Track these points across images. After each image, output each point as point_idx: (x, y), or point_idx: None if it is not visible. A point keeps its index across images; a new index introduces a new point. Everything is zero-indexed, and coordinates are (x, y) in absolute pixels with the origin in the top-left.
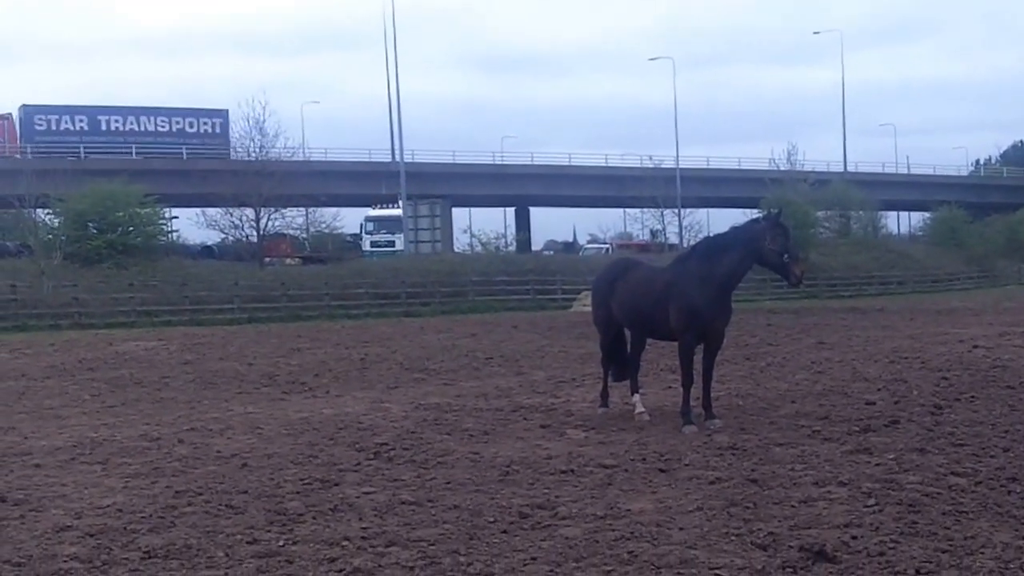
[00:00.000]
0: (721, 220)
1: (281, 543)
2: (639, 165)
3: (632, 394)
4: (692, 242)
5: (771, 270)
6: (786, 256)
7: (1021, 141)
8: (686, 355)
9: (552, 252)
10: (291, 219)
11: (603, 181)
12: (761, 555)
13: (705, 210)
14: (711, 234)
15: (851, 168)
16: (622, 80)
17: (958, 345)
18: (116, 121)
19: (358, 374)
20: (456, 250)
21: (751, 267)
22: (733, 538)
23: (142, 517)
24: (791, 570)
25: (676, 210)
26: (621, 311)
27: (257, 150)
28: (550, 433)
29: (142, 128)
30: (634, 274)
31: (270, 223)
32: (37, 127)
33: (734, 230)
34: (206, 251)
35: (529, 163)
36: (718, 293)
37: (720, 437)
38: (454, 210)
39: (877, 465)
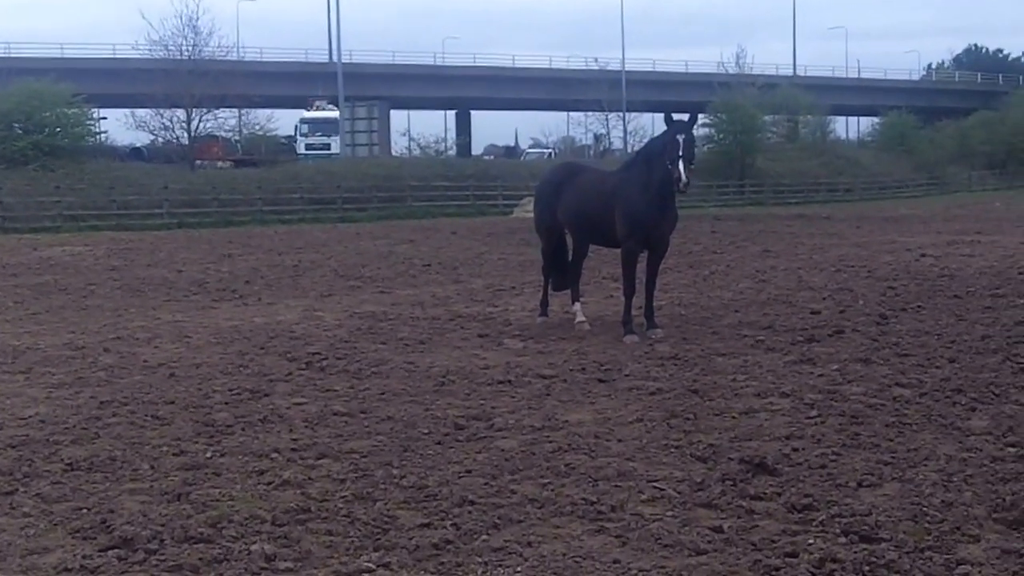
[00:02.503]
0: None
1: (209, 455)
2: (584, 68)
3: (572, 303)
4: (636, 147)
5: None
6: (669, 162)
7: (975, 45)
8: (628, 263)
9: (493, 157)
10: (224, 121)
11: (547, 84)
12: (701, 467)
13: (651, 115)
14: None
15: (800, 72)
16: None
17: (905, 254)
18: None
19: (291, 281)
20: (394, 154)
21: None
22: (673, 450)
23: (65, 428)
24: (731, 482)
25: (621, 114)
26: (566, 216)
27: (190, 49)
28: (488, 343)
29: None
30: (581, 178)
31: (202, 125)
32: None
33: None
34: (135, 153)
35: (471, 65)
36: (659, 199)
37: (661, 347)
38: (392, 113)
39: (820, 376)
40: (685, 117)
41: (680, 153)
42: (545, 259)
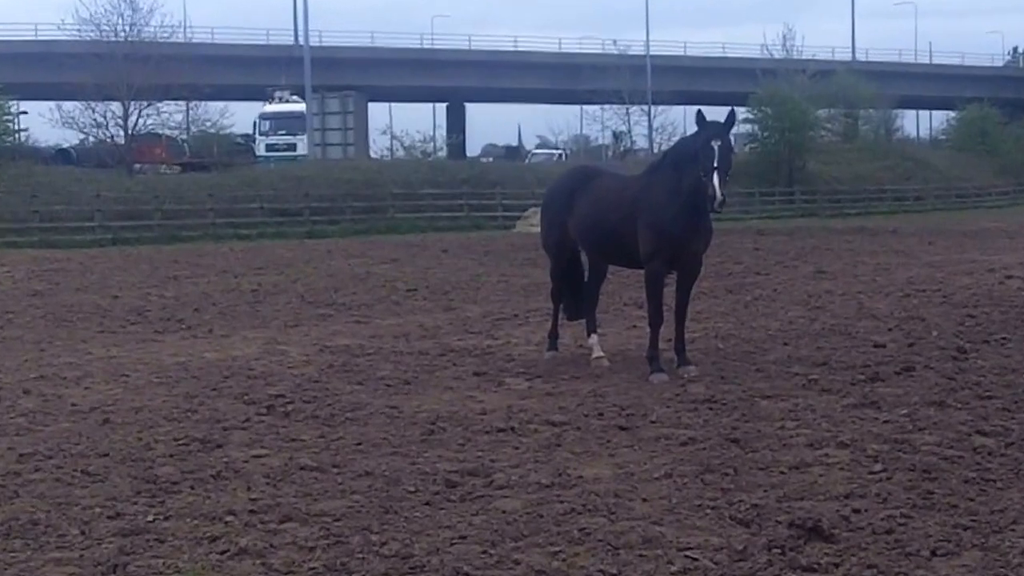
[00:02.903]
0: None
1: (150, 518)
2: (601, 52)
3: (588, 335)
4: (666, 147)
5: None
6: (703, 173)
7: None
8: (654, 286)
9: (492, 159)
10: (168, 116)
11: (556, 71)
12: (742, 532)
13: (681, 108)
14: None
15: (860, 57)
16: None
17: (987, 275)
18: None
19: (249, 309)
20: (373, 155)
21: None
22: (708, 511)
23: None
24: (779, 551)
25: (645, 107)
26: (580, 231)
27: (127, 29)
28: (485, 382)
29: None
30: (597, 185)
31: (142, 121)
32: None
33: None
34: (62, 155)
35: (465, 48)
36: (690, 210)
37: (695, 388)
38: (371, 106)
39: (886, 423)
40: (722, 117)
41: (715, 163)
42: (555, 282)
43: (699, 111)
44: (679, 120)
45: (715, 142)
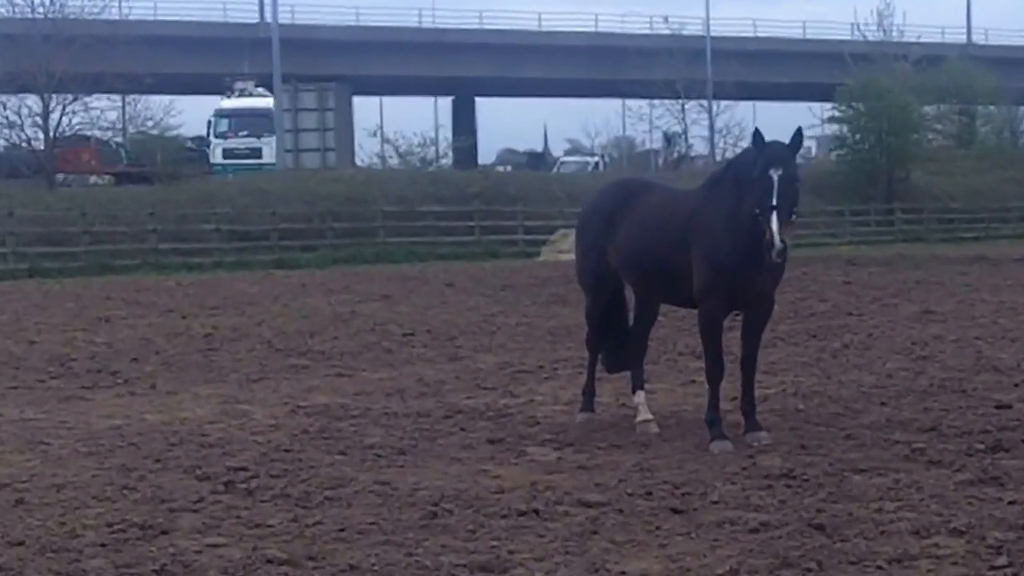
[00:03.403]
0: (774, 119)
1: None
2: (648, 32)
3: (634, 391)
4: (730, 153)
5: None
6: (758, 211)
7: None
8: (712, 331)
9: (510, 168)
10: (99, 114)
11: (592, 57)
12: None
13: (750, 103)
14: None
15: (978, 39)
16: None
17: None
18: None
19: (201, 359)
20: (359, 163)
21: None
22: None
23: None
24: None
25: (704, 103)
26: (623, 260)
27: (46, 4)
28: (502, 452)
29: None
30: (644, 202)
31: (65, 119)
32: None
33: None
34: None
35: (475, 28)
36: (755, 238)
37: (768, 459)
38: (357, 100)
39: (1011, 504)
40: (786, 138)
41: (774, 201)
42: (592, 325)
43: (756, 131)
44: (747, 119)
45: (775, 171)
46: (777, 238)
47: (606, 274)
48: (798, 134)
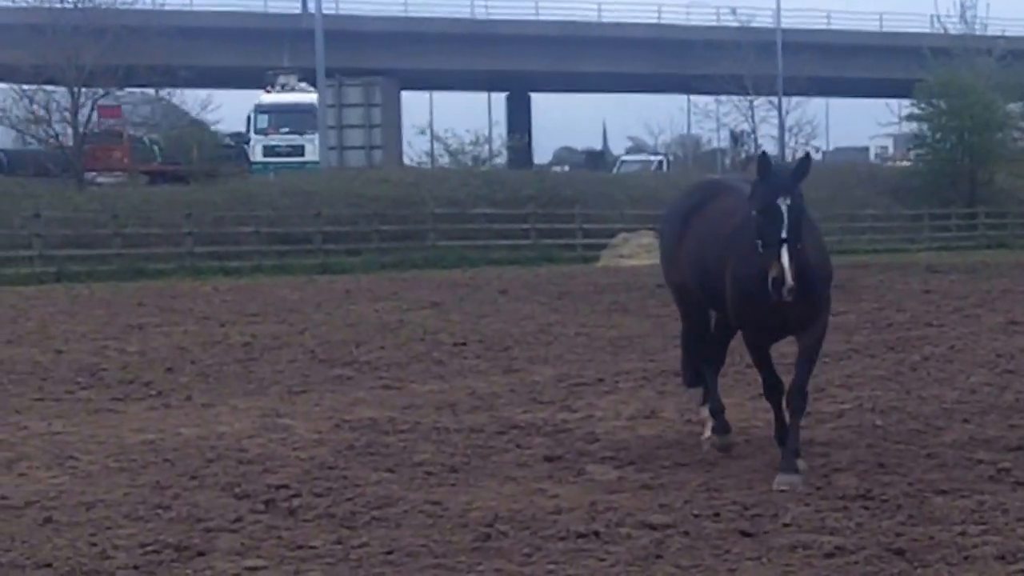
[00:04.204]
0: (848, 115)
1: None
2: (715, 24)
3: (703, 403)
4: (799, 152)
5: None
6: (762, 244)
7: None
8: (756, 357)
9: (568, 167)
10: (132, 108)
11: (655, 50)
12: None
13: (823, 100)
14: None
15: None
16: None
17: None
18: None
19: (240, 369)
20: (407, 163)
21: None
22: None
23: None
24: None
25: (775, 99)
26: (687, 266)
27: None
28: (560, 471)
29: None
30: (713, 207)
31: (96, 114)
32: None
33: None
34: None
35: (531, 19)
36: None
37: (844, 479)
38: (405, 96)
39: None
40: (793, 162)
41: (784, 234)
42: (688, 335)
43: (763, 154)
44: (819, 116)
45: (783, 200)
46: (788, 274)
47: (684, 282)
48: (805, 161)
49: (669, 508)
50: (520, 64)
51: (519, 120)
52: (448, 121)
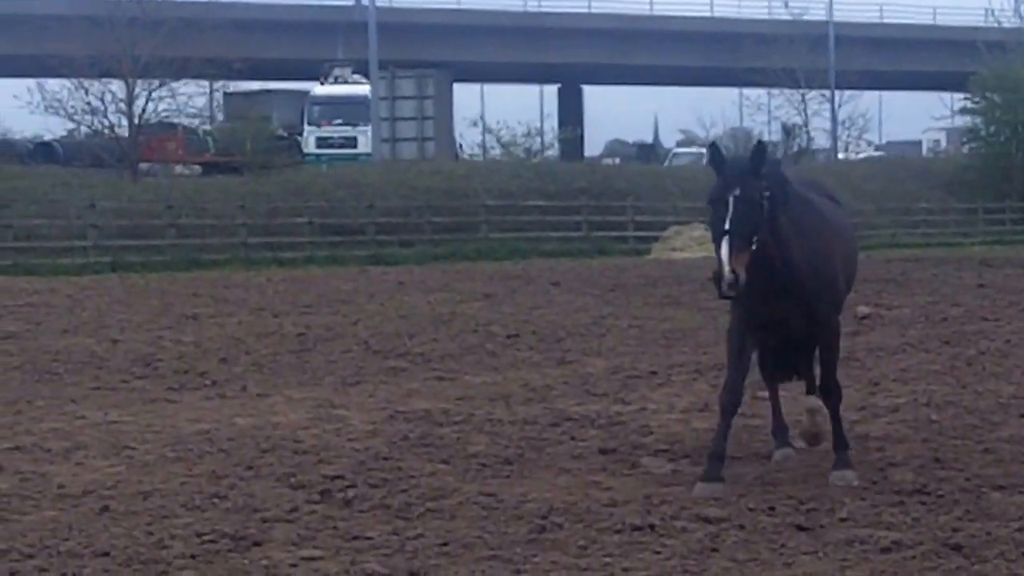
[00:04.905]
0: (901, 109)
1: None
2: (767, 17)
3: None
4: (852, 144)
5: None
6: (712, 237)
7: None
8: (730, 349)
9: (619, 160)
10: (186, 100)
11: (707, 44)
12: None
13: (875, 93)
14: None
15: None
16: None
17: None
18: None
19: (294, 360)
20: (460, 155)
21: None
22: None
23: None
24: None
25: (827, 92)
26: None
27: None
28: (614, 463)
29: None
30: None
31: (151, 106)
32: None
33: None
34: (43, 150)
35: (583, 12)
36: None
37: (900, 474)
38: (457, 88)
39: None
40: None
41: (726, 225)
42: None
43: (713, 144)
44: (872, 110)
45: (731, 192)
46: (727, 268)
47: None
48: (760, 148)
49: (724, 502)
50: (572, 57)
51: (571, 112)
52: (499, 114)
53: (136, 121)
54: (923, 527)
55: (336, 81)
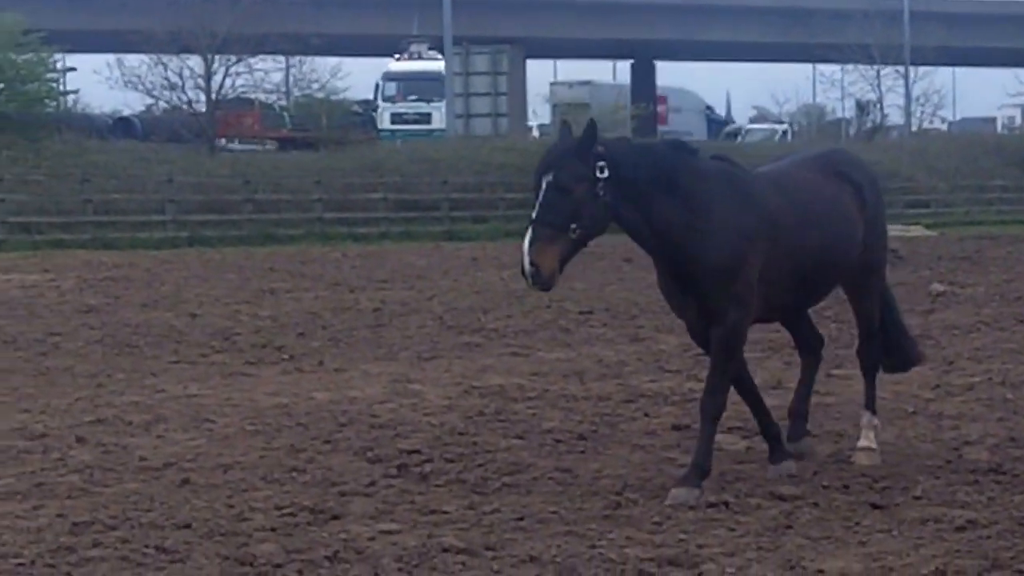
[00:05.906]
0: (975, 85)
1: None
2: None
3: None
4: (929, 122)
5: None
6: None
7: None
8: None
9: (694, 135)
10: (263, 76)
11: (780, 19)
12: None
13: (949, 69)
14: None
15: None
16: None
17: None
18: None
19: (370, 335)
20: (533, 132)
21: None
22: None
23: (18, 565)
24: None
25: (901, 68)
26: None
27: None
28: (688, 439)
29: None
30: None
31: (228, 81)
32: None
33: None
34: (123, 126)
35: None
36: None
37: (975, 453)
38: (531, 64)
39: None
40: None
41: (533, 213)
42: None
43: (563, 122)
44: (947, 86)
45: (545, 177)
46: (526, 260)
47: None
48: (590, 128)
49: (798, 480)
50: (645, 33)
51: (644, 89)
52: None
53: (213, 96)
54: (998, 506)
55: (411, 57)
